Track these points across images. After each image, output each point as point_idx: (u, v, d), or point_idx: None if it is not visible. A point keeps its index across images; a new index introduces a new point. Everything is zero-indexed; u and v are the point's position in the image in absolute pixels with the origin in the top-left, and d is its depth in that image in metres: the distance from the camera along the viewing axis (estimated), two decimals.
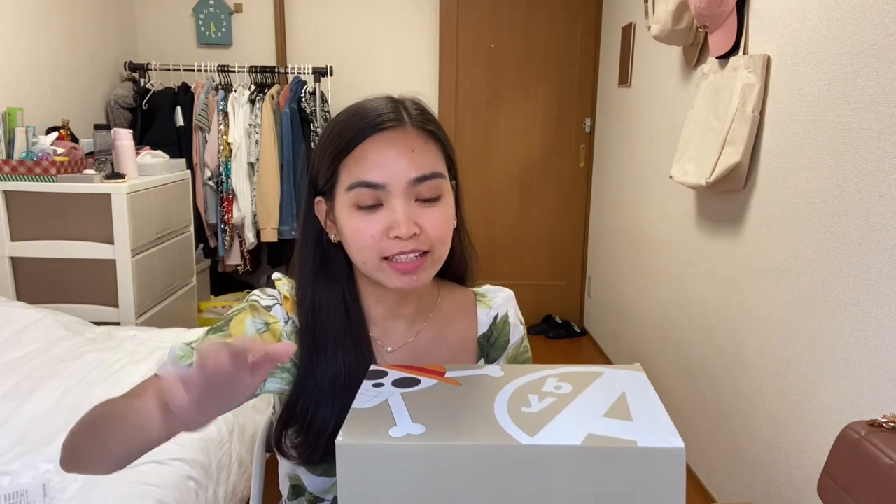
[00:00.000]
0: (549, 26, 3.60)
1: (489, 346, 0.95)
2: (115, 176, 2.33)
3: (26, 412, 1.57)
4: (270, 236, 3.19)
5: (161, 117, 3.14)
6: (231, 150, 3.12)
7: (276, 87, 3.22)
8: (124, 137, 2.44)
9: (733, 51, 1.96)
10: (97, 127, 2.64)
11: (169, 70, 3.20)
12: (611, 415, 0.64)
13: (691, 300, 2.33)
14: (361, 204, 0.78)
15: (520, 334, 0.98)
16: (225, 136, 3.12)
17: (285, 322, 0.86)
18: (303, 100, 3.19)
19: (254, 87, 3.19)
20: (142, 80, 3.21)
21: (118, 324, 2.31)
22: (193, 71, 3.19)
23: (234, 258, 3.26)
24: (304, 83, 3.22)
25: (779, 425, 1.75)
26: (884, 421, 1.12)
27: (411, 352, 0.90)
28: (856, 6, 1.45)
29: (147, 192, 2.41)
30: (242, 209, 3.16)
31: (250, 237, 3.19)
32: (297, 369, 0.84)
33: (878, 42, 1.38)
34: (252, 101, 3.13)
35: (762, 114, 1.83)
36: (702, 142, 2.02)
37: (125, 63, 3.23)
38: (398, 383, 0.72)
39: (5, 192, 2.23)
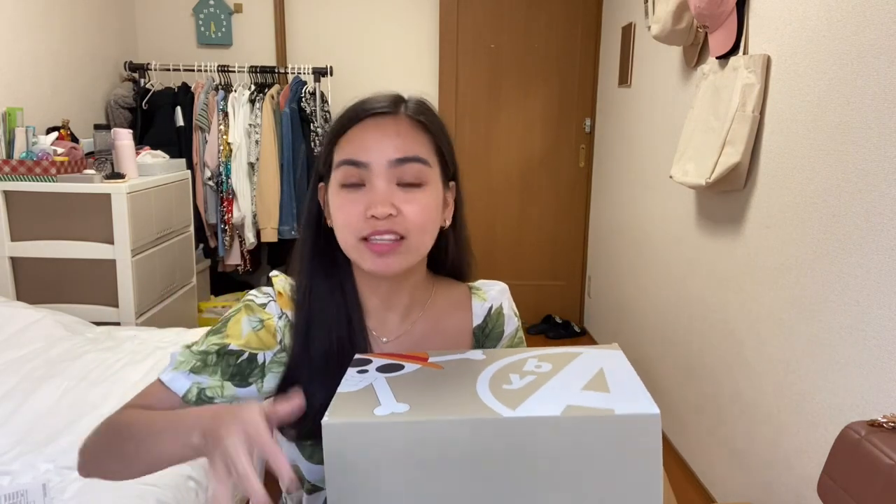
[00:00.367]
0: (549, 26, 3.60)
1: (484, 338, 0.96)
2: (115, 176, 2.33)
3: (26, 412, 1.57)
4: (270, 236, 3.19)
5: (161, 117, 3.14)
6: (231, 150, 3.12)
7: (276, 87, 3.22)
8: (124, 137, 2.44)
9: (733, 51, 1.96)
10: (97, 127, 2.64)
11: (169, 70, 3.20)
12: (589, 388, 0.66)
13: (691, 300, 2.33)
14: (346, 182, 0.81)
15: (514, 325, 0.99)
16: (225, 136, 3.12)
17: (279, 317, 0.87)
18: (303, 100, 3.19)
19: (254, 87, 3.19)
20: (142, 80, 3.21)
21: (118, 324, 2.31)
22: (193, 71, 3.19)
23: (234, 258, 3.26)
24: (304, 83, 3.23)
25: (779, 425, 1.75)
26: (884, 421, 1.12)
27: (407, 343, 0.91)
28: (856, 6, 1.45)
29: (147, 192, 2.41)
30: (242, 209, 3.16)
31: (250, 237, 3.19)
32: (292, 347, 0.86)
33: (878, 42, 1.38)
34: (252, 101, 3.13)
35: (762, 114, 1.83)
36: (702, 142, 2.02)
37: (125, 63, 3.23)
38: (382, 369, 0.73)
39: (5, 192, 2.23)
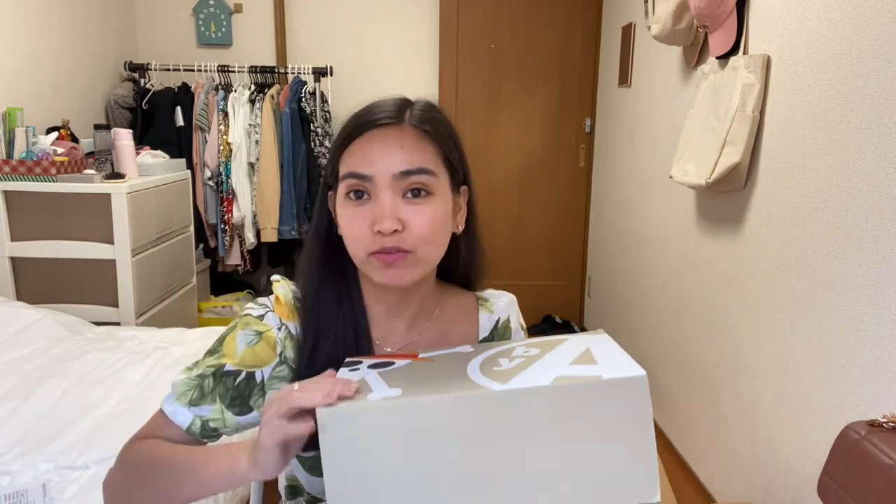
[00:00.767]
0: (549, 26, 3.60)
1: None
2: (115, 176, 2.33)
3: (26, 412, 1.57)
4: (270, 236, 3.19)
5: (161, 117, 3.14)
6: (231, 150, 3.12)
7: (276, 87, 3.22)
8: (124, 137, 2.44)
9: (733, 51, 1.96)
10: (97, 127, 2.64)
11: (169, 70, 3.20)
12: (577, 362, 0.67)
13: (691, 300, 2.33)
14: (352, 195, 0.80)
15: (520, 339, 0.96)
16: (225, 136, 3.12)
17: (278, 329, 0.85)
18: (303, 100, 3.19)
19: (254, 87, 3.19)
20: (142, 80, 3.21)
21: (118, 324, 2.31)
22: (193, 71, 3.19)
23: (234, 258, 3.26)
24: (304, 83, 3.23)
25: (779, 425, 1.75)
26: (884, 421, 1.12)
27: None
28: (856, 6, 1.45)
29: (147, 192, 2.41)
30: (242, 209, 3.16)
31: (250, 237, 3.19)
32: (297, 357, 0.85)
33: (878, 42, 1.38)
34: (252, 101, 3.13)
35: (762, 114, 1.83)
36: (702, 142, 2.02)
37: (125, 63, 3.23)
38: (373, 366, 0.74)
39: (5, 192, 2.23)
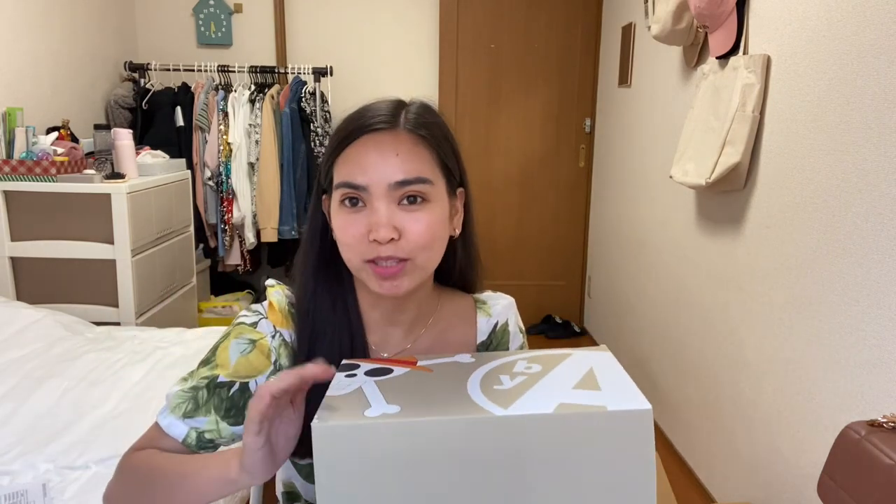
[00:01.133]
0: (549, 26, 3.60)
1: None
2: (115, 176, 2.33)
3: (26, 412, 1.57)
4: (270, 236, 3.19)
5: (161, 117, 3.14)
6: (231, 150, 3.12)
7: (276, 87, 3.22)
8: (124, 137, 2.44)
9: (733, 51, 1.96)
10: (97, 127, 2.64)
11: (169, 70, 3.20)
12: (580, 387, 0.65)
13: (691, 300, 2.33)
14: (347, 203, 0.78)
15: (519, 342, 0.96)
16: (225, 136, 3.12)
17: (272, 336, 0.84)
18: (303, 100, 3.19)
19: (254, 87, 3.19)
20: (142, 80, 3.21)
21: (118, 324, 2.31)
22: (193, 71, 3.19)
23: (234, 258, 3.26)
24: (304, 83, 3.22)
25: (779, 425, 1.75)
26: (884, 421, 1.12)
27: None
28: (856, 6, 1.45)
29: (147, 192, 2.41)
30: (242, 209, 3.16)
31: (250, 237, 3.19)
32: (293, 363, 0.84)
33: (878, 42, 1.38)
34: (252, 101, 3.13)
35: (762, 114, 1.83)
36: (702, 142, 2.02)
37: (125, 63, 3.23)
38: (371, 373, 0.72)
39: (5, 192, 2.23)
